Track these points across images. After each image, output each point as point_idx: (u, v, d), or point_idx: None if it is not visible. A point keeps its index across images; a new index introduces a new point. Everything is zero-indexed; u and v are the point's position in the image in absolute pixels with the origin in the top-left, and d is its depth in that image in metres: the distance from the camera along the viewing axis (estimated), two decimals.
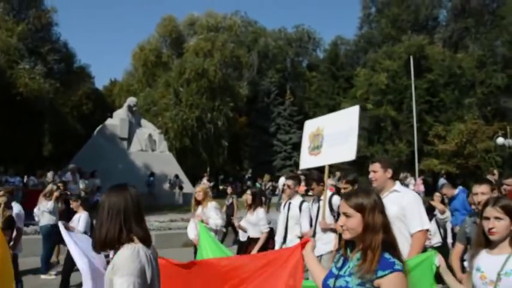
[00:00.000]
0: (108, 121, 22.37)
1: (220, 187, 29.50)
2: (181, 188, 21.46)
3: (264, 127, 35.79)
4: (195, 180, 23.77)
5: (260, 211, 6.54)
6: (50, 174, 16.53)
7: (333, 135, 5.83)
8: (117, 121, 21.93)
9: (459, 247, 4.29)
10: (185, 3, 68.60)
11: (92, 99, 39.75)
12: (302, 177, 21.61)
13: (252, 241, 6.53)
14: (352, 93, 34.73)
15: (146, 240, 2.17)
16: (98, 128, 22.05)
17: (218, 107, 31.39)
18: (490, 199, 2.84)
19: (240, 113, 35.24)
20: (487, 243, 2.65)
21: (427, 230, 3.86)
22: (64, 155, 26.19)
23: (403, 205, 3.83)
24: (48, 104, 26.22)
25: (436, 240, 6.95)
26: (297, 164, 34.12)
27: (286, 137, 35.61)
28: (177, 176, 21.87)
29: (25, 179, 16.99)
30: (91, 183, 16.34)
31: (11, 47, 23.28)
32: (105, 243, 2.14)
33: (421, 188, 21.05)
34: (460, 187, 8.38)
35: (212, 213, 6.36)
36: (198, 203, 6.52)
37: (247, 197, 6.73)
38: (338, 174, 26.52)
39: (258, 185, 22.90)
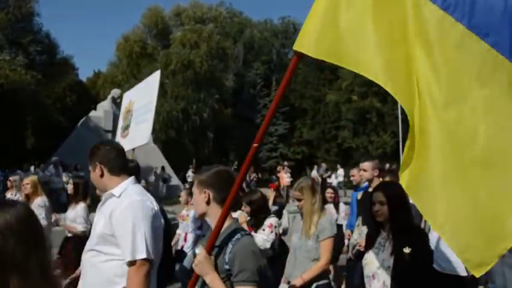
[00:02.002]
0: (92, 113, 22.09)
1: None
2: (164, 180, 21.36)
3: (249, 119, 35.76)
4: (180, 172, 23.71)
5: (80, 206, 5.18)
6: (31, 168, 16.33)
7: (138, 111, 4.86)
8: (101, 113, 21.66)
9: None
10: None
11: (75, 91, 39.14)
12: (286, 168, 21.53)
13: (69, 240, 5.25)
14: (338, 84, 34.86)
15: None
16: (81, 120, 21.78)
17: (204, 98, 31.25)
18: None
19: (225, 105, 35.16)
20: None
21: (147, 260, 2.36)
22: (47, 148, 25.80)
23: (113, 220, 2.43)
24: (31, 96, 25.81)
25: None
26: (282, 156, 34.41)
27: (271, 128, 35.61)
28: (163, 168, 21.77)
29: (15, 174, 16.75)
30: (74, 176, 16.14)
31: None
32: None
33: None
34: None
35: (35, 211, 5.35)
36: (28, 197, 5.49)
37: (69, 186, 5.48)
38: (324, 165, 26.71)
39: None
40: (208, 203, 2.29)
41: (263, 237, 4.30)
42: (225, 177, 2.34)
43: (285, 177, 20.82)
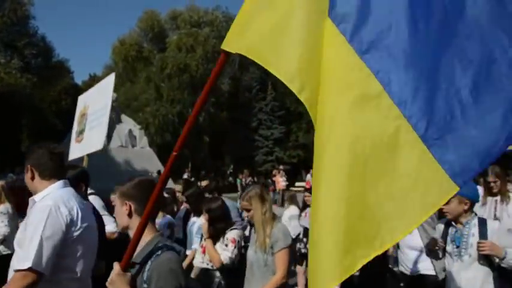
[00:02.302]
0: None
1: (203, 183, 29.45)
2: None
3: (245, 122, 35.76)
4: (176, 176, 23.63)
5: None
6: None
7: (92, 115, 4.77)
8: None
9: None
10: None
11: (71, 94, 38.95)
12: (282, 171, 21.50)
13: None
14: None
15: None
16: None
17: None
18: None
19: (221, 109, 35.15)
20: None
21: (33, 271, 2.17)
22: None
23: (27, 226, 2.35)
24: (26, 99, 25.75)
25: None
26: (278, 159, 34.42)
27: (267, 132, 35.65)
28: (159, 172, 21.70)
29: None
30: None
31: None
32: None
33: None
34: None
35: None
36: None
37: None
38: None
39: (238, 180, 22.96)
40: (130, 215, 2.13)
41: (228, 255, 4.00)
42: (147, 188, 2.15)
43: (280, 181, 20.85)
